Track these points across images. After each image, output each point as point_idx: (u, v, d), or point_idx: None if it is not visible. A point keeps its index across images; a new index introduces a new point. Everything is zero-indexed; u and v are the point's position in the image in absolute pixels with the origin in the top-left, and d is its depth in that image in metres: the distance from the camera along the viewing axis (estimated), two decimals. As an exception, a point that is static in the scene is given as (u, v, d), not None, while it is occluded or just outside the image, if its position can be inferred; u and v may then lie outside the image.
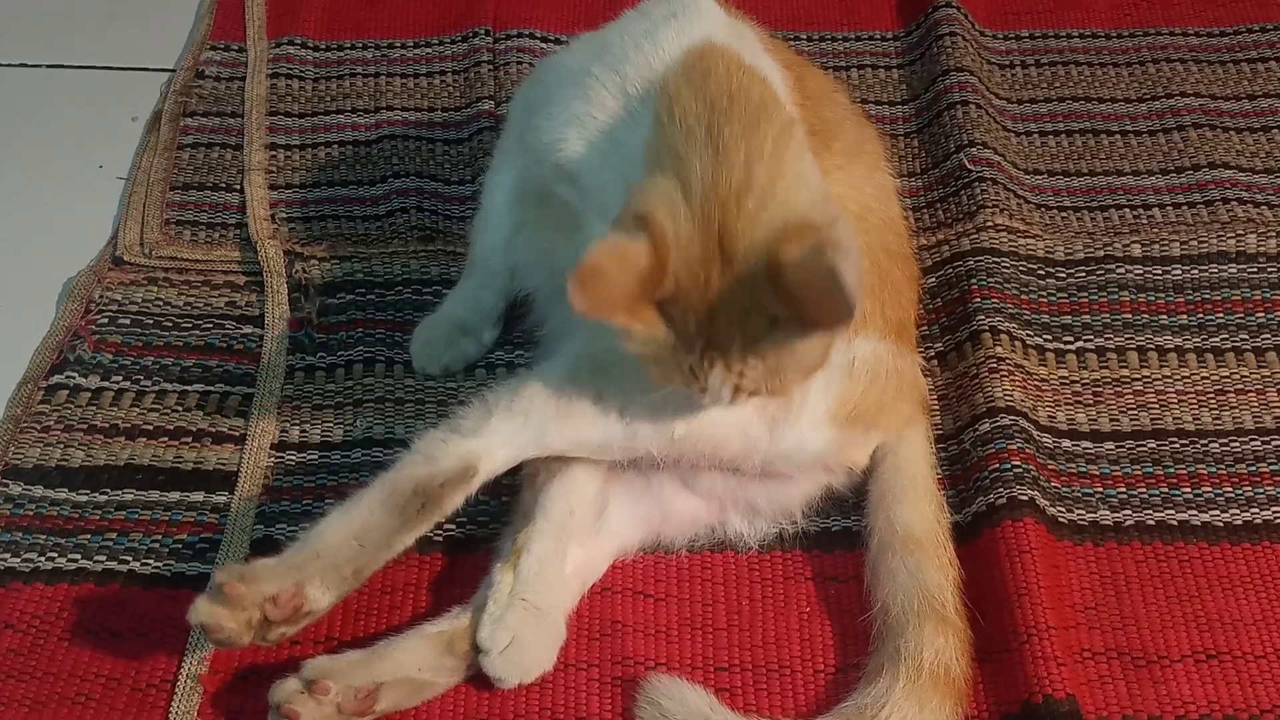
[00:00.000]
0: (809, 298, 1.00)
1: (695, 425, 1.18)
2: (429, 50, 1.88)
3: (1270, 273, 1.52)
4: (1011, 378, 1.38)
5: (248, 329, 1.51)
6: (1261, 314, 1.48)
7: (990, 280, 1.48)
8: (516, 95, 1.46)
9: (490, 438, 1.17)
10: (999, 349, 1.40)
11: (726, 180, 1.03)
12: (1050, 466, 1.34)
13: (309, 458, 1.38)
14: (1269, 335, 1.46)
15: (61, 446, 1.39)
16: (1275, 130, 1.72)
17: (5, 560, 1.29)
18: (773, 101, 1.13)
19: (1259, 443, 1.37)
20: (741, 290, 1.03)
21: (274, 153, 1.73)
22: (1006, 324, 1.44)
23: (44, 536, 1.31)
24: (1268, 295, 1.50)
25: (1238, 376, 1.43)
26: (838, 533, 1.29)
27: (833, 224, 1.03)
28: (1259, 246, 1.54)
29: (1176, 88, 1.78)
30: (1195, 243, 1.55)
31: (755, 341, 1.04)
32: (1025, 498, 1.27)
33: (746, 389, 1.07)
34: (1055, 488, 1.32)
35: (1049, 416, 1.39)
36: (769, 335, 1.04)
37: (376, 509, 1.16)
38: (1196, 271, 1.53)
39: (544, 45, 1.83)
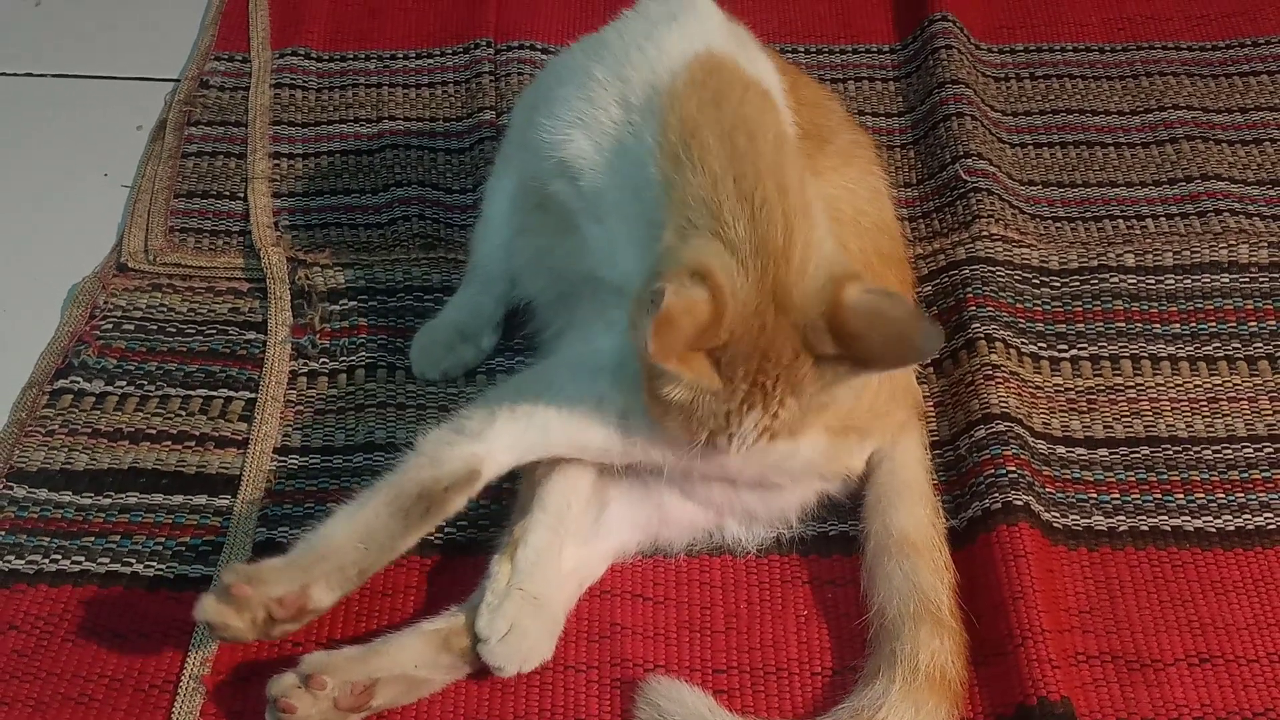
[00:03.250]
0: (878, 338, 1.06)
1: None
2: (431, 61, 1.90)
3: (1261, 282, 1.53)
4: (1007, 385, 1.39)
5: (251, 335, 1.52)
6: (1253, 323, 1.50)
7: (986, 289, 1.49)
8: (519, 100, 1.47)
9: (494, 441, 1.19)
10: (994, 356, 1.42)
11: (774, 240, 1.08)
12: (1045, 472, 1.35)
13: (311, 462, 1.39)
14: (1260, 344, 1.48)
15: (66, 450, 1.40)
16: (1267, 143, 1.74)
17: (10, 562, 1.30)
18: (786, 140, 1.16)
19: (1251, 450, 1.38)
20: (794, 336, 1.07)
21: (277, 161, 1.75)
22: (1002, 332, 1.45)
23: (48, 539, 1.32)
24: (1259, 305, 1.51)
25: (1229, 384, 1.44)
26: (835, 537, 1.31)
27: (856, 266, 1.10)
28: (1250, 257, 1.56)
29: (1169, 100, 1.80)
30: (1188, 253, 1.57)
31: (798, 384, 1.08)
32: (1020, 503, 1.28)
33: (774, 430, 1.10)
34: (1050, 493, 1.33)
35: (1044, 423, 1.40)
36: (812, 376, 1.08)
37: (381, 512, 1.17)
38: (1189, 281, 1.54)
39: (544, 56, 1.85)
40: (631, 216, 1.18)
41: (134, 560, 1.31)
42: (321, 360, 1.49)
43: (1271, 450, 1.38)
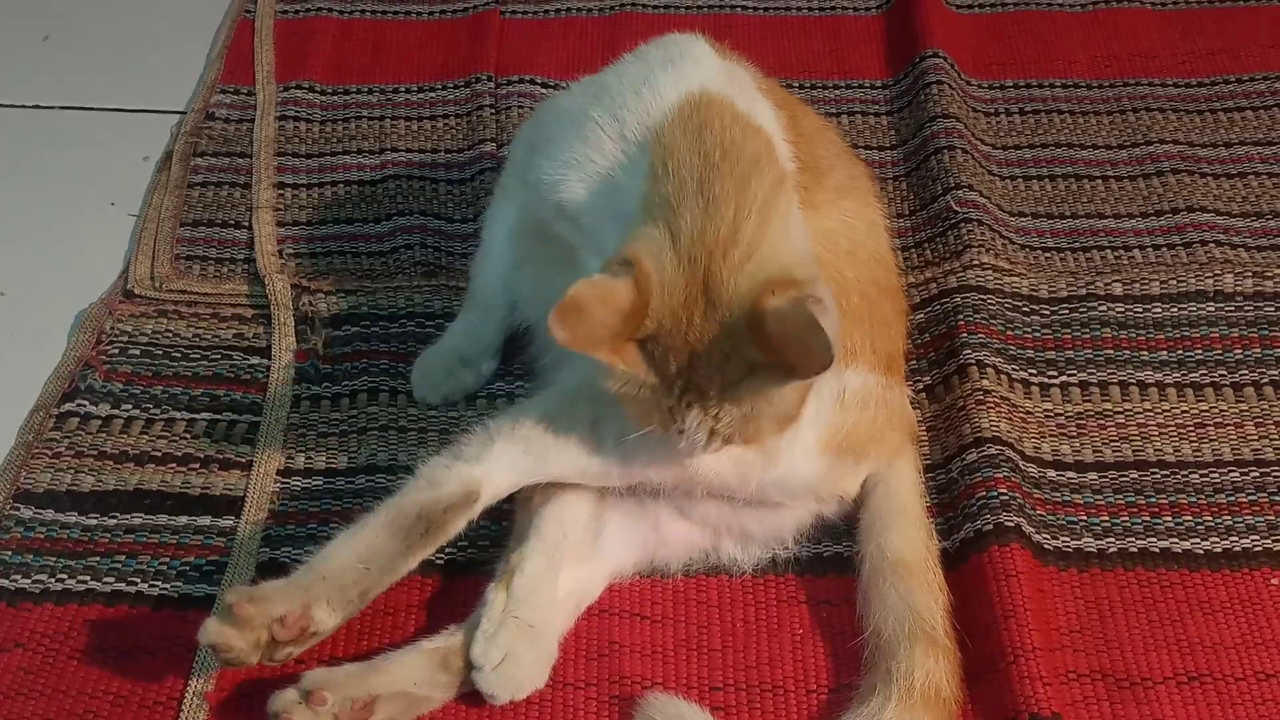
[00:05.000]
0: (790, 345, 1.05)
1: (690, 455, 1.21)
2: (433, 95, 1.93)
3: (1246, 311, 1.56)
4: (998, 409, 1.42)
5: (255, 360, 1.55)
6: (1238, 350, 1.53)
7: (977, 316, 1.52)
8: (518, 135, 1.51)
9: (492, 464, 1.21)
10: (985, 382, 1.45)
11: (714, 231, 1.09)
12: (1036, 495, 1.38)
13: (314, 483, 1.41)
14: (1246, 371, 1.51)
15: (72, 472, 1.42)
16: (1250, 176, 1.78)
17: (16, 581, 1.32)
18: (765, 158, 1.17)
19: (1237, 474, 1.41)
20: (723, 336, 1.08)
21: (282, 191, 1.78)
22: (993, 358, 1.48)
23: (54, 559, 1.34)
24: (1244, 332, 1.54)
25: (1216, 410, 1.47)
26: (830, 558, 1.33)
27: (814, 282, 1.09)
28: (1235, 286, 1.59)
29: (1155, 135, 1.84)
30: (1174, 282, 1.60)
31: (732, 386, 1.09)
32: (1012, 524, 1.30)
33: (721, 434, 1.11)
34: (1041, 515, 1.36)
35: (1034, 447, 1.43)
36: (746, 381, 1.09)
37: (382, 533, 1.19)
38: (1176, 309, 1.57)
39: (544, 90, 1.89)
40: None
41: (139, 580, 1.32)
42: (324, 384, 1.51)
43: (1257, 474, 1.40)
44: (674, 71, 1.23)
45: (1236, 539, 1.35)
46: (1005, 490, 1.33)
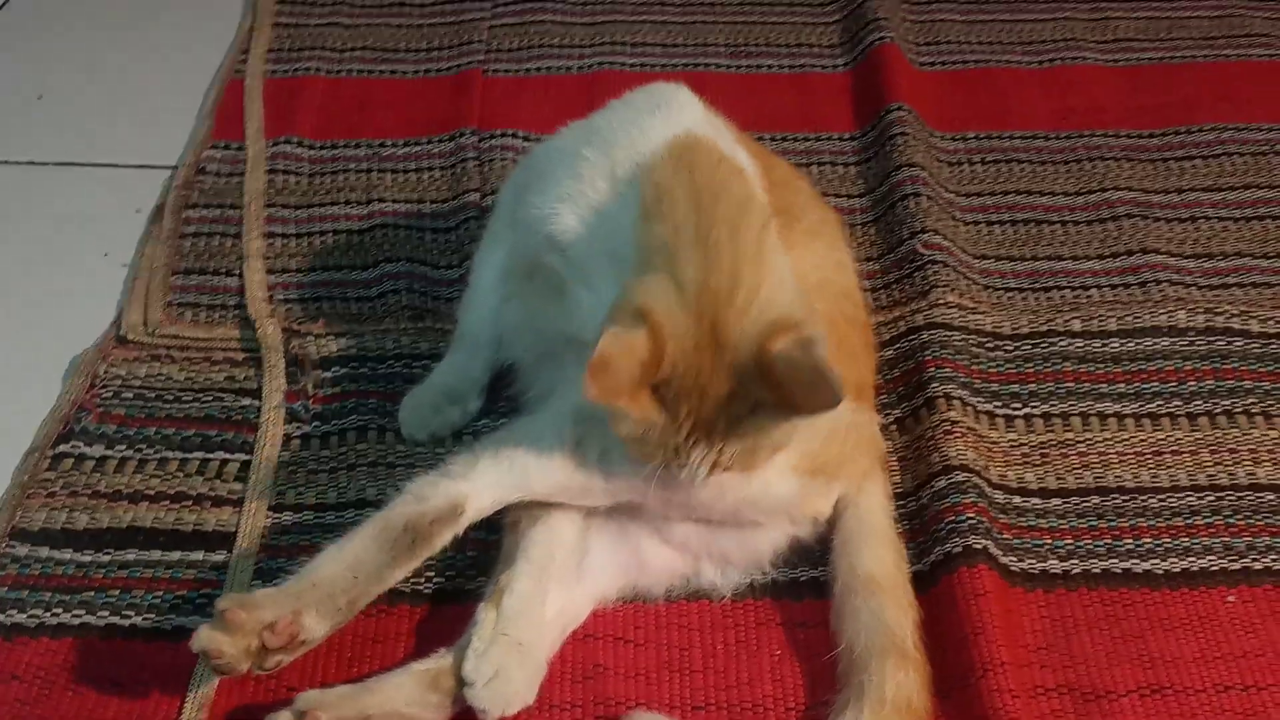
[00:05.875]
0: (798, 387, 1.11)
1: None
2: (418, 149, 2.00)
3: (1199, 345, 1.63)
4: (965, 439, 1.48)
5: (246, 401, 1.59)
6: (1192, 382, 1.59)
7: (943, 351, 1.58)
8: (507, 181, 1.57)
9: (477, 480, 1.26)
10: (952, 413, 1.50)
11: (717, 280, 1.15)
12: (1002, 520, 1.43)
13: (304, 518, 1.45)
14: (1199, 401, 1.57)
15: (67, 511, 1.46)
16: (1200, 220, 1.86)
17: (12, 616, 1.35)
18: (751, 198, 1.24)
19: (1193, 498, 1.46)
20: (731, 377, 1.14)
21: (271, 240, 1.83)
22: (959, 391, 1.54)
23: (49, 594, 1.37)
24: (1197, 365, 1.61)
25: (1172, 439, 1.53)
26: (805, 582, 1.37)
27: (810, 320, 1.16)
28: (1188, 322, 1.65)
29: (1110, 183, 1.92)
30: (1130, 319, 1.67)
31: (738, 423, 1.15)
32: (979, 546, 1.36)
33: (722, 465, 1.17)
34: (1007, 539, 1.41)
35: (1000, 475, 1.48)
36: (751, 418, 1.15)
37: (370, 544, 1.24)
38: (1132, 344, 1.64)
39: (525, 144, 1.96)
40: (615, 281, 1.27)
41: (132, 613, 1.36)
42: (315, 423, 1.56)
43: (1212, 498, 1.46)
44: (661, 115, 1.30)
45: (1194, 559, 1.40)
46: (973, 515, 1.39)
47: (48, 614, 1.35)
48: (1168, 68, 2.17)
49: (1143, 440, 1.53)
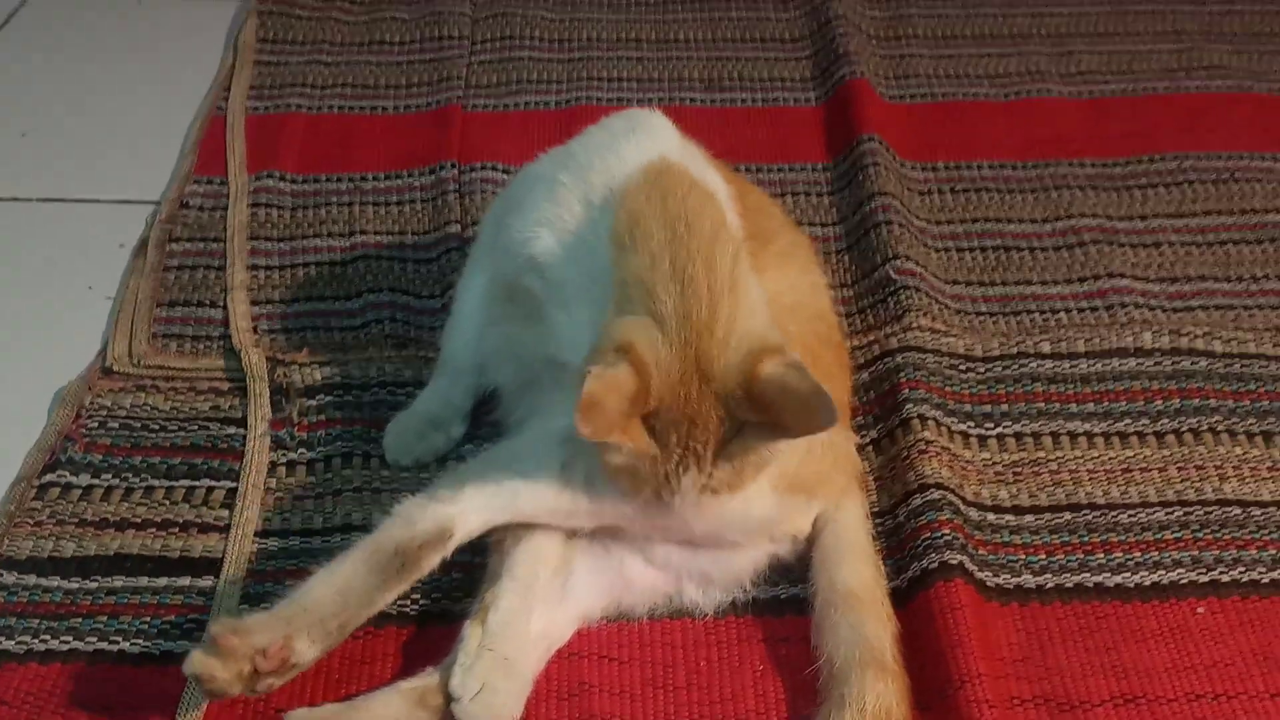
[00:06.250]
0: (788, 410, 1.15)
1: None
2: (400, 182, 2.03)
3: (1164, 366, 1.67)
4: (939, 459, 1.51)
5: (231, 430, 1.61)
6: (1159, 401, 1.63)
7: (917, 374, 1.62)
8: (489, 209, 1.60)
9: (465, 503, 1.28)
10: (927, 433, 1.54)
11: (696, 314, 1.18)
12: (978, 537, 1.46)
13: (290, 543, 1.47)
14: (1166, 420, 1.61)
15: (54, 539, 1.47)
16: (1164, 245, 1.91)
17: (0, 643, 1.36)
18: (723, 227, 1.28)
19: (1162, 514, 1.50)
20: (718, 404, 1.17)
21: (255, 273, 1.86)
22: (933, 412, 1.58)
23: (37, 620, 1.38)
24: (1163, 385, 1.65)
25: (1140, 457, 1.57)
26: (786, 599, 1.40)
27: (788, 346, 1.20)
28: (1154, 343, 1.70)
29: (1076, 210, 1.97)
30: (1097, 340, 1.71)
31: (725, 446, 1.18)
32: (955, 561, 1.38)
33: (712, 487, 1.20)
34: (983, 555, 1.44)
35: (975, 493, 1.52)
36: (739, 439, 1.18)
37: (360, 568, 1.25)
38: (1100, 365, 1.68)
39: (505, 176, 1.99)
40: (591, 303, 1.30)
41: (120, 639, 1.36)
42: (300, 450, 1.57)
43: (1180, 514, 1.50)
44: (635, 140, 1.34)
45: (1164, 573, 1.43)
46: (949, 531, 1.42)
47: (36, 640, 1.36)
48: (1130, 99, 2.24)
49: (1112, 458, 1.57)
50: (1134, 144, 2.12)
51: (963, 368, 1.67)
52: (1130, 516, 1.50)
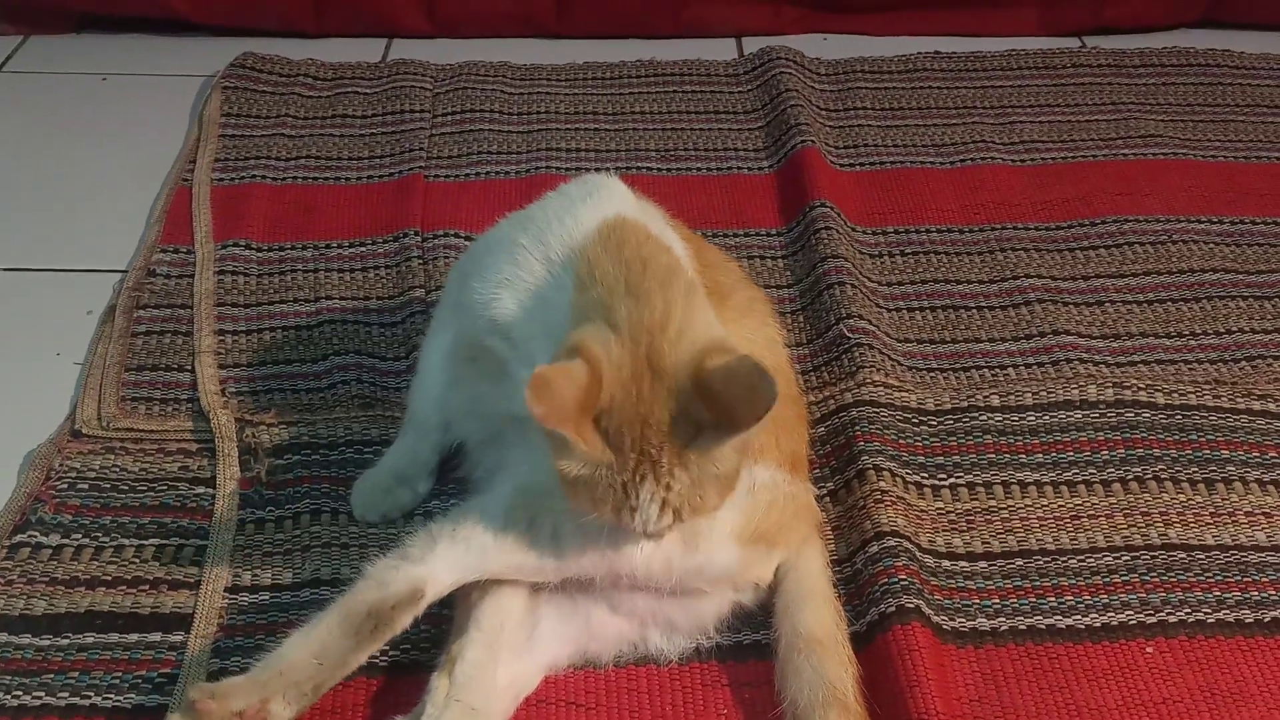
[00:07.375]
0: (735, 396, 1.18)
1: (619, 546, 1.33)
2: (363, 249, 2.07)
3: (1109, 417, 1.73)
4: (895, 508, 1.56)
5: (201, 489, 1.63)
6: (1105, 451, 1.69)
7: (871, 427, 1.67)
8: (452, 270, 1.65)
9: (435, 564, 1.31)
10: (883, 484, 1.59)
11: (650, 316, 1.23)
12: (933, 583, 1.50)
13: (260, 598, 1.48)
14: (1112, 469, 1.67)
15: (25, 598, 1.48)
16: (1107, 303, 1.99)
17: (-29, 700, 1.36)
18: (678, 268, 1.33)
19: (1110, 558, 1.55)
20: (670, 401, 1.21)
21: (222, 337, 1.89)
22: (888, 463, 1.63)
23: (9, 678, 1.38)
24: (1109, 435, 1.71)
25: (1088, 504, 1.62)
26: (749, 645, 1.43)
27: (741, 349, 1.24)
28: (1098, 396, 1.76)
29: (1021, 271, 2.04)
30: (1044, 394, 1.77)
31: (681, 451, 1.21)
32: (912, 605, 1.43)
33: (672, 504, 1.22)
34: (939, 600, 1.48)
35: (929, 541, 1.56)
36: (693, 443, 1.21)
37: (335, 630, 1.27)
38: (1047, 418, 1.74)
39: (466, 243, 2.03)
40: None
41: (92, 694, 1.37)
42: (268, 508, 1.60)
43: (1128, 558, 1.55)
44: (593, 202, 1.39)
45: (1113, 614, 1.48)
46: (905, 577, 1.46)
47: (8, 696, 1.37)
48: (1070, 165, 2.33)
49: (1061, 506, 1.62)
50: (1075, 208, 2.20)
51: (915, 421, 1.73)
52: (1080, 561, 1.55)
